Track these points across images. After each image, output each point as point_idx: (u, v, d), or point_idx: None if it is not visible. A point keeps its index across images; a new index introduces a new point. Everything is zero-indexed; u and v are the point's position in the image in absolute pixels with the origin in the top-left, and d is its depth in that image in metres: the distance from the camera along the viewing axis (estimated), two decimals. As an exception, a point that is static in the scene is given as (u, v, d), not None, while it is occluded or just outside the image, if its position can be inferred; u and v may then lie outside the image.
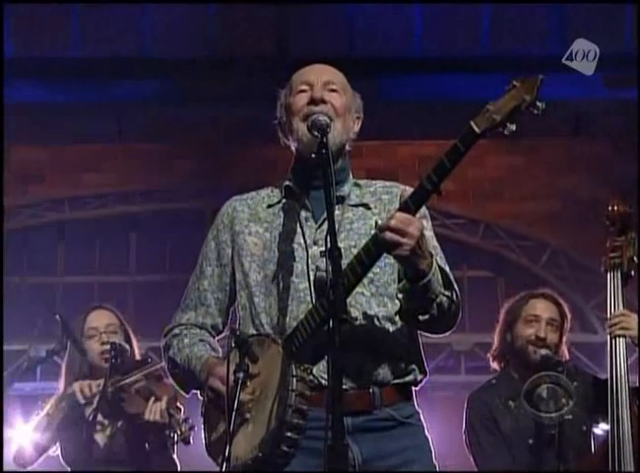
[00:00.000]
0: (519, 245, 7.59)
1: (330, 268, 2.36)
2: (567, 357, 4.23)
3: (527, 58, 7.06)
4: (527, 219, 7.60)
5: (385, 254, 2.50)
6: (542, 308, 4.19)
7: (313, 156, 2.54)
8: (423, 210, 2.70)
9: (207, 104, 7.29)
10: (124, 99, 7.49)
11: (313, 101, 2.68)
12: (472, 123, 2.41)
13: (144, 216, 7.74)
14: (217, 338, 2.82)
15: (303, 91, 2.72)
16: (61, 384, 4.44)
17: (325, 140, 2.54)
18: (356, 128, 2.80)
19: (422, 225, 2.47)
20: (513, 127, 2.40)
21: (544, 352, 4.05)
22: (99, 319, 4.43)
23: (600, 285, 7.37)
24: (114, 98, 7.49)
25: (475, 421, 4.08)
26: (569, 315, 4.26)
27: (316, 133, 2.56)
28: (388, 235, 2.42)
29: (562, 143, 7.74)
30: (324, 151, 2.50)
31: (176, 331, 2.79)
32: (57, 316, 4.35)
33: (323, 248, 2.46)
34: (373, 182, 2.81)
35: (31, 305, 6.53)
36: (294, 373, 2.45)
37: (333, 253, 2.36)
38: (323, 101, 2.68)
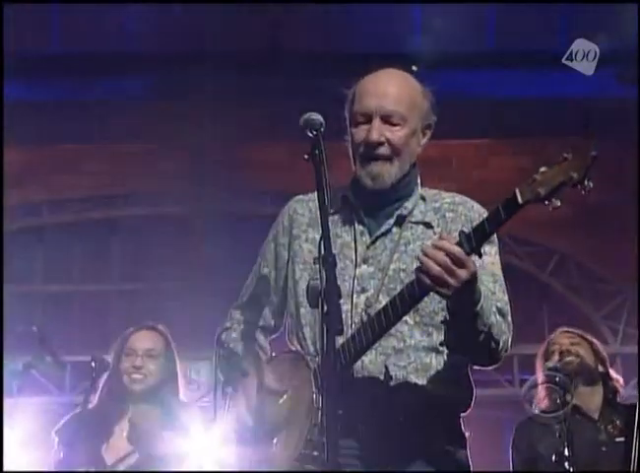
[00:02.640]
0: (525, 251, 7.58)
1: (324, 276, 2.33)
2: (621, 384, 4.44)
3: (534, 55, 7.06)
4: (533, 223, 7.57)
5: None
6: (562, 337, 4.48)
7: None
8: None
9: (193, 103, 7.26)
10: (107, 97, 7.48)
11: (370, 145, 2.66)
12: (516, 191, 2.37)
13: (127, 221, 7.72)
14: (269, 337, 2.89)
15: (362, 123, 2.70)
16: (94, 399, 4.40)
17: (318, 138, 2.47)
18: (425, 140, 2.79)
19: (475, 268, 2.41)
20: (558, 203, 2.35)
21: (551, 364, 4.14)
22: (142, 341, 4.45)
23: (610, 293, 7.43)
24: (96, 96, 7.47)
25: (513, 452, 4.32)
26: (601, 349, 4.52)
27: (309, 133, 2.49)
28: (436, 268, 2.36)
29: (571, 143, 7.71)
30: (317, 152, 2.45)
31: (227, 325, 2.90)
32: (34, 328, 4.36)
33: (372, 268, 2.58)
34: (441, 196, 2.78)
35: (7, 315, 6.50)
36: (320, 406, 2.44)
37: (327, 260, 2.32)
38: (380, 144, 2.66)
